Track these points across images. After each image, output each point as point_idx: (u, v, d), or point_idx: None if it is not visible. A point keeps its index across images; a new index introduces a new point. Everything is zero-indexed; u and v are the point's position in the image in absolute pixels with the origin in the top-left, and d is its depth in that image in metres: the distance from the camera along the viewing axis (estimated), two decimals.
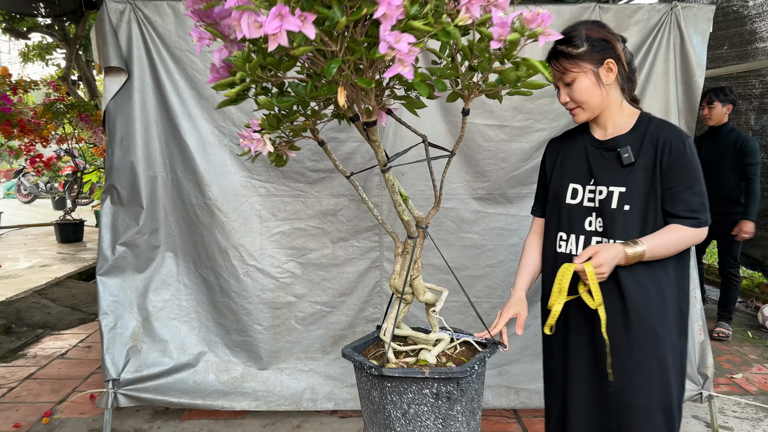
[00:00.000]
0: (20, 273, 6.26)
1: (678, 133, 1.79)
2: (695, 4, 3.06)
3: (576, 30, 1.82)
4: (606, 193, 1.82)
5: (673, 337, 1.81)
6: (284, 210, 3.09)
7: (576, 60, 1.78)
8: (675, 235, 1.75)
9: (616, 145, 1.84)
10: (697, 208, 1.74)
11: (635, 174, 1.79)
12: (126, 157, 2.98)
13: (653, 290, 1.79)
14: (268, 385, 3.14)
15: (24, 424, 3.17)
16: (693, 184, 1.75)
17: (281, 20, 1.06)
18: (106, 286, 3.05)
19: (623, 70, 1.82)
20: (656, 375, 1.78)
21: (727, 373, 3.88)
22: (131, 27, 2.92)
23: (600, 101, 1.83)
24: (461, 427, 1.64)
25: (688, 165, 1.75)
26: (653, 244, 1.72)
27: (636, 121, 1.85)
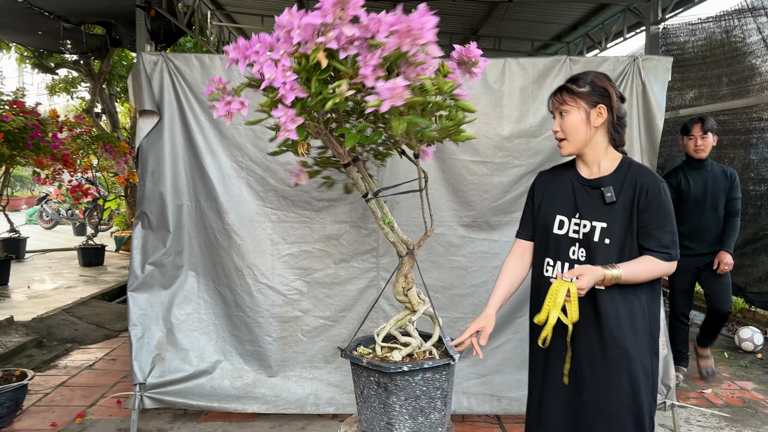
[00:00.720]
0: (48, 293, 6.70)
1: (654, 178, 2.03)
2: (655, 57, 3.49)
3: (585, 74, 2.12)
4: (590, 227, 2.06)
5: (644, 357, 2.03)
6: (293, 234, 3.51)
7: (575, 96, 2.07)
8: (648, 266, 1.98)
9: (600, 185, 2.07)
10: (668, 244, 1.98)
11: (615, 212, 2.03)
12: (156, 187, 3.43)
13: (626, 316, 2.01)
14: (276, 391, 3.52)
15: (60, 423, 3.57)
16: (666, 223, 1.99)
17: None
18: (135, 301, 3.47)
19: (612, 118, 2.08)
20: (627, 390, 2.00)
21: (698, 388, 4.21)
22: (163, 76, 3.40)
23: (584, 138, 2.08)
24: (402, 417, 2.00)
25: (662, 207, 1.99)
26: (629, 270, 1.95)
27: (618, 164, 2.09)
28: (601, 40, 8.79)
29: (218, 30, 10.43)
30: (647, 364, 2.04)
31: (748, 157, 5.97)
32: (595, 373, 2.03)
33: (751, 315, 5.94)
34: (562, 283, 1.87)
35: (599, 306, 2.01)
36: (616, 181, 2.06)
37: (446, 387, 2.10)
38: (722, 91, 6.15)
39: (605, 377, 2.01)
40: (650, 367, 2.05)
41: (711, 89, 6.36)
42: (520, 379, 3.58)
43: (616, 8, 7.70)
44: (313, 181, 3.45)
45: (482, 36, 9.71)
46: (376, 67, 1.63)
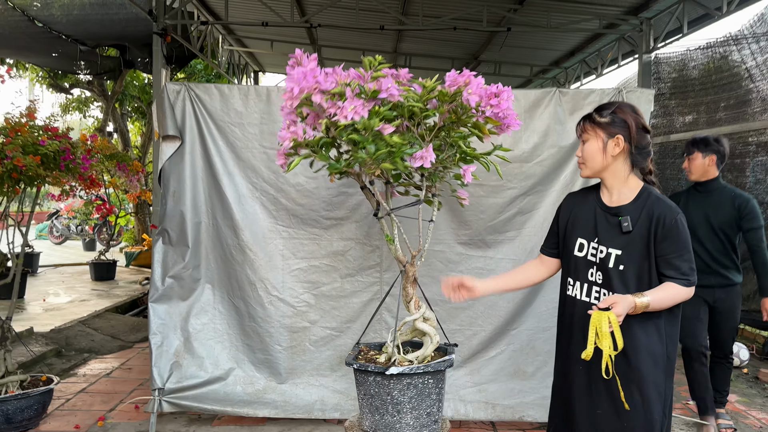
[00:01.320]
0: (63, 306, 6.97)
1: (671, 209, 2.13)
2: (638, 89, 3.79)
3: (610, 105, 2.24)
4: (606, 252, 2.18)
5: (658, 378, 2.14)
6: (302, 250, 3.78)
7: (595, 126, 2.21)
8: (671, 292, 2.10)
9: (619, 213, 2.19)
10: (687, 272, 2.10)
11: (631, 240, 2.15)
12: (177, 206, 3.72)
13: (643, 340, 2.13)
14: (286, 397, 3.77)
15: (83, 426, 3.82)
16: (683, 252, 2.10)
17: None
18: (155, 311, 3.74)
19: (631, 148, 2.19)
20: (639, 406, 2.12)
21: (683, 399, 4.43)
22: (185, 104, 3.70)
23: (601, 165, 2.21)
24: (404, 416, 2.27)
25: (679, 237, 2.10)
26: (655, 297, 2.07)
27: (638, 194, 2.20)
28: (597, 66, 9.13)
29: (229, 53, 10.81)
30: (660, 384, 2.15)
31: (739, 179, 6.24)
32: (609, 388, 2.13)
33: (740, 332, 6.16)
34: (601, 314, 1.98)
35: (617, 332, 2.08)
36: (634, 210, 2.17)
37: (441, 389, 2.35)
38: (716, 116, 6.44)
39: (618, 393, 2.11)
40: (663, 387, 2.17)
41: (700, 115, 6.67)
42: (513, 388, 3.83)
43: (611, 36, 8.04)
44: (322, 200, 3.77)
45: (483, 61, 10.06)
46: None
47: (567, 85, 10.32)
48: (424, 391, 2.34)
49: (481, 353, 3.85)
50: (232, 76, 11.42)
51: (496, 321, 3.82)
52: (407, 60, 10.48)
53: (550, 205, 3.76)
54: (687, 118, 6.98)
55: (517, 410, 3.77)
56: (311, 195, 3.73)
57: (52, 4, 8.12)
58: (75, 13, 8.29)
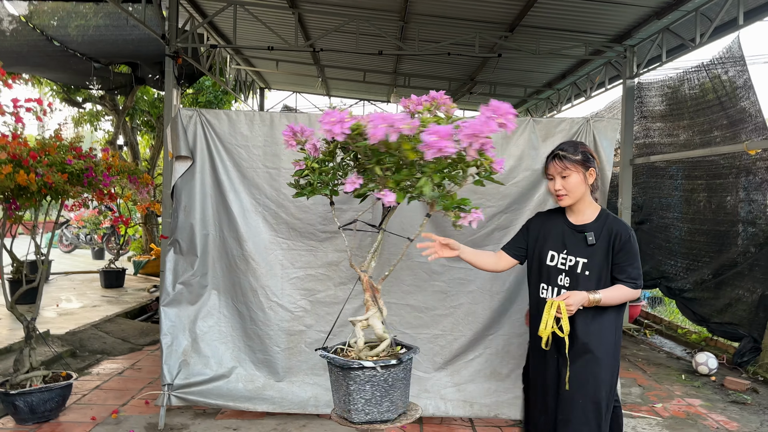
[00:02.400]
0: (75, 311, 7.37)
1: (626, 228, 2.74)
2: (605, 119, 4.20)
3: (575, 144, 2.81)
4: (574, 261, 2.76)
5: (608, 359, 2.72)
6: (300, 260, 4.18)
7: (574, 163, 2.73)
8: (621, 292, 2.69)
9: (584, 230, 2.78)
10: (635, 276, 2.69)
11: (595, 251, 2.73)
12: (187, 219, 4.13)
13: (594, 328, 2.72)
14: (283, 394, 4.16)
15: (98, 418, 4.20)
16: (633, 261, 2.70)
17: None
18: (167, 314, 4.14)
19: (595, 178, 2.80)
20: (590, 383, 2.70)
21: (650, 403, 4.80)
22: (197, 127, 4.12)
23: (581, 193, 2.76)
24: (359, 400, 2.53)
25: (632, 249, 2.70)
26: (607, 295, 2.66)
27: (598, 214, 2.80)
28: (586, 89, 9.56)
29: (236, 72, 11.28)
30: (608, 365, 2.73)
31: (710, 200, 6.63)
32: (574, 371, 2.71)
33: (713, 343, 6.52)
34: (553, 301, 2.61)
35: (576, 322, 2.70)
36: (597, 227, 2.76)
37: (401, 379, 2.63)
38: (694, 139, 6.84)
39: (579, 374, 2.71)
40: (611, 367, 2.75)
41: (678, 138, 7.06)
42: (490, 387, 4.21)
43: (600, 61, 8.46)
44: (318, 215, 4.17)
45: (479, 82, 10.50)
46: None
47: (559, 106, 10.75)
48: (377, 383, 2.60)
49: (461, 356, 4.22)
50: (239, 92, 11.89)
51: (475, 327, 4.20)
52: (407, 80, 10.93)
53: (524, 222, 4.15)
54: (667, 140, 7.38)
55: (493, 408, 4.14)
56: (309, 210, 4.14)
57: (68, 24, 8.60)
58: (90, 33, 8.76)
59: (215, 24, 8.75)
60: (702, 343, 6.62)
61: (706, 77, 6.33)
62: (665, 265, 7.47)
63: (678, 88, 6.98)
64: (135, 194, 9.54)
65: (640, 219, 8.10)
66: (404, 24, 7.65)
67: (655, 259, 7.68)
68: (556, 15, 6.83)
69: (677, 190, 7.33)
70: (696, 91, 6.61)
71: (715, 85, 6.20)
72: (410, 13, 7.30)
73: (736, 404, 4.84)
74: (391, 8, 7.27)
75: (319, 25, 8.30)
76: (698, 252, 6.84)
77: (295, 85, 13.53)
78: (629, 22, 6.86)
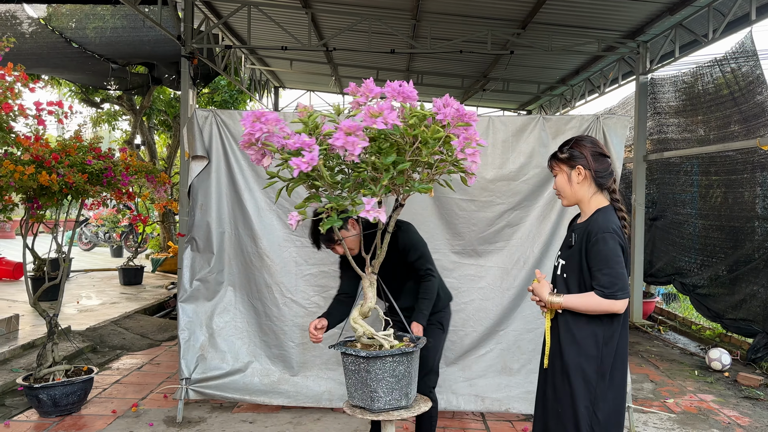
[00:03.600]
0: (95, 308, 7.53)
1: (598, 227, 2.36)
2: (615, 116, 4.22)
3: (569, 141, 2.52)
4: (558, 263, 2.54)
5: (589, 373, 2.38)
6: (313, 258, 4.26)
7: (559, 162, 2.51)
8: (588, 300, 2.35)
9: (573, 231, 2.52)
10: (605, 284, 2.30)
11: (573, 254, 2.45)
12: (204, 217, 4.22)
13: (575, 338, 2.40)
14: (297, 388, 4.24)
15: (119, 411, 4.32)
16: (602, 266, 2.32)
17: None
18: (184, 310, 4.24)
19: (592, 173, 2.45)
20: (568, 395, 2.42)
21: (662, 398, 4.82)
22: (212, 128, 4.21)
23: (571, 194, 2.50)
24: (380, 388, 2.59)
25: (599, 253, 2.33)
26: (570, 300, 2.38)
27: (592, 214, 2.45)
28: (600, 85, 9.54)
29: (251, 71, 11.40)
30: (590, 381, 2.39)
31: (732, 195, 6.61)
32: (552, 376, 2.50)
33: (727, 340, 6.50)
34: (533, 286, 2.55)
35: (558, 328, 2.47)
36: (581, 228, 2.46)
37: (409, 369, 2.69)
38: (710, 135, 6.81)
39: (556, 381, 2.48)
40: (594, 385, 2.39)
41: (692, 134, 7.04)
42: (501, 382, 4.26)
43: (613, 57, 8.44)
44: None
45: (492, 79, 10.51)
46: None
47: (573, 102, 10.73)
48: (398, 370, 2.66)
49: (472, 351, 4.28)
50: (254, 92, 12.01)
51: (486, 323, 4.25)
52: (419, 78, 10.97)
53: (535, 219, 4.20)
54: (681, 136, 7.36)
55: (504, 403, 4.19)
56: None
57: (86, 26, 8.76)
58: (107, 35, 8.91)
59: (230, 25, 8.85)
60: (716, 339, 6.61)
61: (720, 73, 6.31)
62: (680, 261, 7.45)
63: (691, 84, 6.96)
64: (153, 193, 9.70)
65: (654, 215, 8.08)
66: (416, 22, 7.70)
67: (669, 255, 7.66)
68: (569, 11, 6.84)
69: (693, 186, 7.30)
70: (709, 86, 6.59)
71: (728, 80, 6.17)
72: (422, 11, 7.35)
73: (749, 400, 4.85)
74: (404, 7, 7.33)
75: (332, 25, 8.37)
76: (713, 248, 6.82)
77: (309, 84, 13.62)
78: (642, 18, 6.85)
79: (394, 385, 2.54)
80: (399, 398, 2.57)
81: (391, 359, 2.50)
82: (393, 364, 2.54)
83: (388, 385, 2.53)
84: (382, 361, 2.49)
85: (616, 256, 2.34)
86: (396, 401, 2.56)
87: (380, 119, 2.10)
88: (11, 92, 3.80)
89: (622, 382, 2.48)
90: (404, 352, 2.52)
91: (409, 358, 2.58)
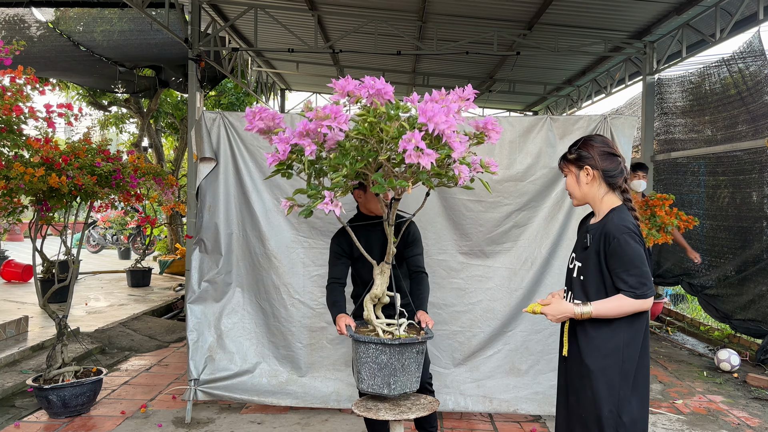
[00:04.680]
0: (104, 310, 7.57)
1: (617, 229, 2.33)
2: (623, 116, 4.21)
3: (578, 142, 2.52)
4: (574, 264, 2.50)
5: (612, 376, 2.34)
6: (321, 258, 4.26)
7: (567, 162, 2.52)
8: (619, 303, 2.31)
9: (587, 231, 2.49)
10: (634, 285, 2.28)
11: (589, 255, 2.41)
12: (212, 219, 4.24)
13: (596, 341, 2.37)
14: (305, 389, 4.25)
15: (128, 412, 4.34)
16: (629, 267, 2.30)
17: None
18: (193, 311, 4.26)
19: (600, 173, 2.44)
20: (590, 400, 2.37)
21: (671, 399, 4.80)
22: (220, 129, 4.23)
23: (580, 195, 2.49)
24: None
25: (623, 254, 2.31)
26: (601, 306, 2.34)
27: (606, 214, 2.43)
28: (606, 86, 9.51)
29: (257, 74, 11.43)
30: (613, 384, 2.35)
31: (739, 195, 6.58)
32: (573, 381, 2.48)
33: (736, 340, 6.47)
34: (534, 308, 2.53)
35: (576, 332, 2.45)
36: (597, 229, 2.43)
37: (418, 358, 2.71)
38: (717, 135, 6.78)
39: (577, 386, 2.45)
40: (617, 386, 2.36)
41: (699, 134, 7.02)
42: (509, 384, 4.25)
43: (619, 57, 8.43)
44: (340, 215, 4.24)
45: (498, 80, 10.50)
46: None
47: (579, 103, 10.71)
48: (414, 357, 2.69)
49: (480, 352, 4.28)
50: (260, 94, 12.05)
51: (494, 323, 4.25)
52: (425, 79, 10.98)
53: (542, 220, 4.20)
54: (689, 136, 7.33)
55: (512, 404, 4.19)
56: None
57: (94, 29, 8.82)
58: (115, 38, 8.96)
59: (236, 27, 8.89)
60: (725, 340, 6.58)
61: (727, 72, 6.28)
62: (687, 261, 7.40)
63: (698, 84, 6.94)
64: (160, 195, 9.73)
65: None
66: (422, 24, 7.70)
67: (677, 255, 7.63)
68: (575, 12, 6.83)
69: (700, 187, 7.28)
70: (717, 86, 6.57)
71: (735, 80, 6.15)
72: (428, 12, 7.35)
73: (759, 401, 4.82)
74: (409, 8, 7.33)
75: (338, 27, 8.39)
76: (721, 248, 6.79)
77: (315, 86, 13.64)
78: (648, 18, 6.84)
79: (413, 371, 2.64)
80: (413, 383, 2.66)
81: (412, 347, 2.61)
82: (414, 352, 2.61)
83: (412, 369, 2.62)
84: (409, 348, 2.59)
85: (640, 255, 2.32)
86: (410, 385, 2.65)
87: (327, 122, 2.23)
88: (21, 95, 3.83)
89: (645, 387, 2.43)
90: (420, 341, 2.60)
91: (423, 347, 2.67)
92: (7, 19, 8.50)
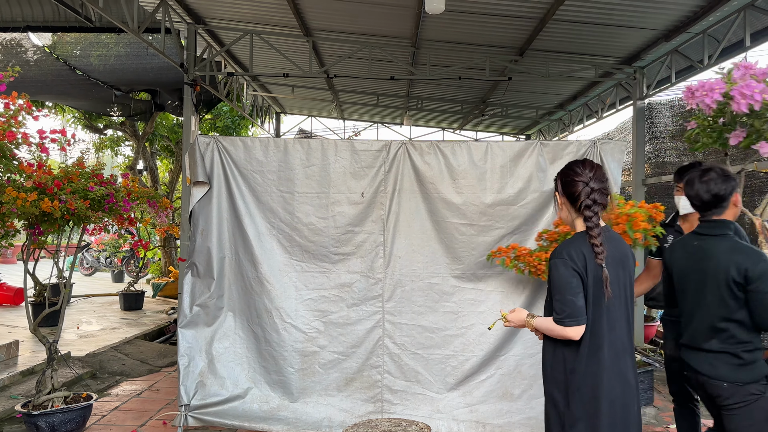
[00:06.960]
0: (96, 333, 7.51)
1: (552, 253, 2.47)
2: (612, 141, 4.27)
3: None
4: None
5: (557, 400, 2.46)
6: (313, 282, 4.27)
7: (554, 189, 2.62)
8: (548, 324, 2.44)
9: None
10: (557, 310, 2.39)
11: None
12: (204, 243, 4.25)
13: (549, 361, 2.52)
14: (297, 414, 4.22)
15: None
16: (555, 292, 2.41)
17: None
18: (184, 336, 4.24)
19: (568, 200, 2.51)
20: (546, 418, 2.55)
21: (664, 424, 4.78)
22: (213, 154, 4.26)
23: (563, 220, 2.62)
24: None
25: (551, 279, 2.44)
26: (538, 321, 2.53)
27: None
28: (598, 110, 9.62)
29: (253, 97, 11.52)
30: (559, 405, 2.46)
31: None
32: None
33: None
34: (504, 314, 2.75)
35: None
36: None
37: None
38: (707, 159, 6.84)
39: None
40: (562, 403, 2.44)
41: (690, 159, 7.09)
42: (502, 408, 4.23)
43: (610, 83, 8.54)
44: (331, 238, 4.28)
45: (491, 104, 10.60)
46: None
47: (571, 127, 10.81)
48: None
49: (472, 376, 4.26)
50: (256, 117, 12.12)
51: (487, 347, 4.24)
52: (419, 103, 11.07)
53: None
54: (680, 159, 7.40)
55: (505, 429, 4.16)
56: (321, 233, 4.24)
57: (90, 53, 8.90)
58: (111, 62, 9.05)
59: (232, 52, 8.97)
60: None
61: None
62: None
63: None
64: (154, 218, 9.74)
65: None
66: (415, 49, 7.80)
67: None
68: (565, 38, 6.93)
69: None
70: None
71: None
72: (421, 39, 7.45)
73: None
74: (403, 35, 7.43)
75: (333, 52, 8.48)
76: None
77: (310, 110, 13.74)
78: (638, 44, 6.94)
79: None
80: None
81: None
82: None
83: None
84: None
85: (567, 283, 2.37)
86: None
87: None
88: (15, 121, 3.86)
89: (602, 415, 2.36)
90: None
91: None
92: (4, 43, 8.58)
